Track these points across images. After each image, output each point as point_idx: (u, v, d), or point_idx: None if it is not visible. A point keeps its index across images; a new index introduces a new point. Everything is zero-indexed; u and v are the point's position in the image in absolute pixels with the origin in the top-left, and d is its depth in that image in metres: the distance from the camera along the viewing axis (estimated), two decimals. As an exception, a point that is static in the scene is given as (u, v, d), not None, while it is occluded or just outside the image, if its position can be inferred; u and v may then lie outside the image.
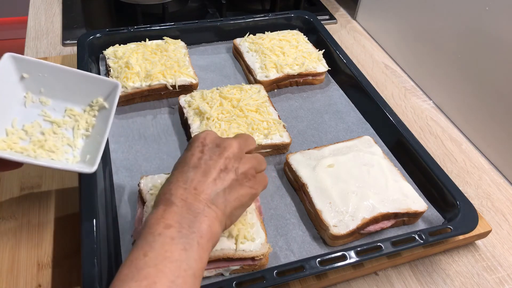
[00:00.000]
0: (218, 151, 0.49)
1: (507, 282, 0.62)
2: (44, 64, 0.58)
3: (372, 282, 0.60)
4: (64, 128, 0.59)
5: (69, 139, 0.58)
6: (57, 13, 1.06)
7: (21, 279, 0.56)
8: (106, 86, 0.60)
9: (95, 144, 0.56)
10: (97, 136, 0.58)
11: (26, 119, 0.57)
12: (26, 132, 0.56)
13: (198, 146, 0.50)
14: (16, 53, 0.56)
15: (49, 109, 0.59)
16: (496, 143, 0.78)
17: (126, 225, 0.60)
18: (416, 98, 0.93)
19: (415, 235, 0.57)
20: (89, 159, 0.55)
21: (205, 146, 0.50)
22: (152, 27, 0.88)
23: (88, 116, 0.60)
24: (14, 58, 0.56)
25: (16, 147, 0.53)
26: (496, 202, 0.73)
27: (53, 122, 0.58)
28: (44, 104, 0.59)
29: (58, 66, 0.58)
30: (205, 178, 0.47)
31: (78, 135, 0.58)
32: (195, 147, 0.50)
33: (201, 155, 0.49)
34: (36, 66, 0.57)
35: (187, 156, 0.49)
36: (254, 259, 0.55)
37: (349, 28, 1.13)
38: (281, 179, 0.69)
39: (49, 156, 0.55)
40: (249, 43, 0.88)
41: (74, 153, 0.57)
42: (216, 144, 0.50)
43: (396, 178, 0.65)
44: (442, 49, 0.87)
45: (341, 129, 0.79)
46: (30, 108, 0.58)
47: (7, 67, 0.56)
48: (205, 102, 0.73)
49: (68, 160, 0.56)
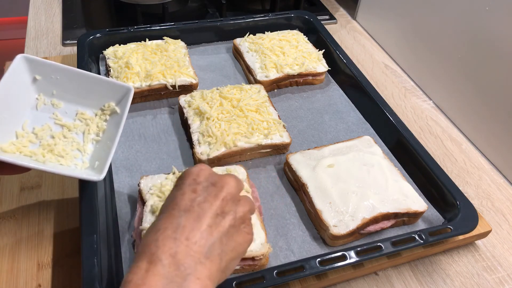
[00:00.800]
0: (214, 191, 0.42)
1: (507, 282, 0.62)
2: (57, 66, 0.57)
3: (372, 282, 0.60)
4: (75, 132, 0.58)
5: (79, 143, 0.57)
6: (57, 13, 1.06)
7: (21, 279, 0.56)
8: (119, 90, 0.59)
9: (105, 150, 0.56)
10: (107, 141, 0.57)
11: (36, 121, 0.57)
12: (36, 135, 0.55)
13: (191, 185, 0.43)
14: (29, 55, 0.56)
15: (61, 112, 0.59)
16: (496, 143, 0.78)
17: (126, 225, 0.60)
18: (416, 98, 0.93)
19: (415, 235, 0.57)
20: (98, 165, 0.55)
21: (199, 185, 0.43)
22: (152, 27, 0.88)
23: (99, 120, 0.60)
24: (27, 59, 0.55)
25: (26, 150, 0.53)
26: (496, 202, 0.73)
27: (64, 125, 0.58)
28: (55, 107, 0.59)
29: (71, 69, 0.58)
30: (199, 225, 0.39)
31: (88, 139, 0.58)
32: (187, 185, 0.43)
33: (194, 196, 0.42)
34: (49, 68, 0.57)
35: (177, 196, 0.42)
36: (254, 259, 0.55)
37: (349, 28, 1.13)
38: (281, 179, 0.69)
39: (58, 161, 0.54)
40: (249, 43, 0.88)
41: (84, 158, 0.56)
42: (211, 182, 0.43)
43: (396, 178, 0.65)
44: (442, 49, 0.87)
45: (341, 129, 0.79)
46: (41, 111, 0.58)
47: (20, 68, 0.55)
48: (205, 102, 0.73)
49: (77, 166, 0.55)
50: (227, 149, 0.68)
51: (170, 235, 0.38)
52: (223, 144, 0.67)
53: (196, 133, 0.70)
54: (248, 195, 0.60)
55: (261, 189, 0.67)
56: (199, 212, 0.40)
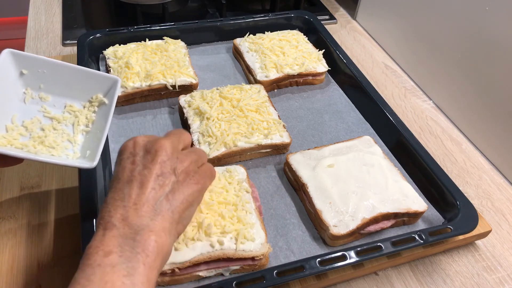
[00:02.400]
0: (150, 158, 0.46)
1: (507, 282, 0.62)
2: (43, 60, 0.57)
3: (372, 282, 0.60)
4: (64, 124, 0.59)
5: (69, 135, 0.58)
6: (57, 13, 1.06)
7: (21, 279, 0.56)
8: (105, 82, 0.60)
9: (95, 140, 0.56)
10: (97, 132, 0.58)
11: (26, 115, 0.57)
12: (26, 128, 0.56)
13: (128, 158, 0.46)
14: (15, 49, 0.56)
15: (49, 105, 0.59)
16: (496, 143, 0.78)
17: (126, 225, 0.60)
18: (416, 98, 0.93)
19: (415, 235, 0.57)
20: (89, 154, 0.55)
21: (136, 156, 0.46)
22: (152, 27, 0.88)
23: (88, 112, 0.60)
24: (13, 54, 0.56)
25: (16, 143, 0.53)
26: (496, 202, 0.73)
27: (53, 118, 0.58)
28: (43, 100, 0.59)
29: (57, 62, 0.58)
30: (143, 190, 0.43)
31: (78, 131, 0.58)
32: (125, 160, 0.46)
33: (133, 166, 0.45)
34: (35, 62, 0.57)
35: (119, 172, 0.46)
36: (254, 259, 0.55)
37: (349, 28, 1.13)
38: (281, 179, 0.69)
39: (49, 152, 0.55)
40: (249, 43, 0.88)
41: (74, 149, 0.57)
42: (146, 150, 0.46)
43: (396, 178, 0.65)
44: (442, 49, 0.87)
45: (341, 129, 0.79)
46: (29, 104, 0.58)
47: (7, 63, 0.55)
48: (205, 102, 0.73)
49: (69, 156, 0.56)
50: (227, 149, 0.68)
51: (120, 204, 0.43)
52: (223, 144, 0.67)
53: (196, 133, 0.70)
54: (248, 195, 0.60)
55: (261, 189, 0.67)
56: (141, 179, 0.44)
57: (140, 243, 0.40)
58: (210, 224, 0.54)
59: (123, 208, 0.42)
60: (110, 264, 0.38)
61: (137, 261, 0.39)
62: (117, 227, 0.41)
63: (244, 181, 0.62)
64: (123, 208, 0.42)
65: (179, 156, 0.47)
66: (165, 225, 0.43)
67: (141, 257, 0.40)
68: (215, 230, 0.54)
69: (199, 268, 0.54)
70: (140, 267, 0.39)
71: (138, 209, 0.42)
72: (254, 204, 0.59)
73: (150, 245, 0.41)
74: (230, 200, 0.57)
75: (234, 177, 0.61)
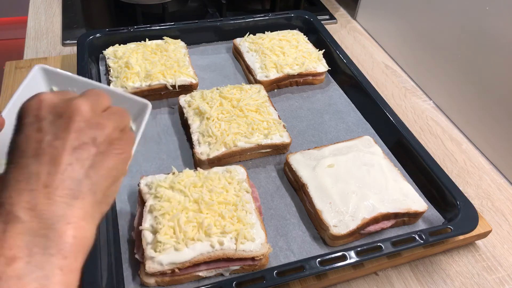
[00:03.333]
0: (63, 124, 0.35)
1: (507, 282, 0.62)
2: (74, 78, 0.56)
3: (372, 282, 0.60)
4: None
5: None
6: (57, 13, 1.06)
7: (21, 279, 0.56)
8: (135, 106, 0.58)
9: None
10: None
11: None
12: None
13: (33, 123, 0.35)
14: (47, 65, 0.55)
15: None
16: (496, 143, 0.78)
17: (126, 225, 0.60)
18: (416, 98, 0.93)
19: (415, 235, 0.57)
20: None
21: (43, 121, 0.35)
22: (152, 27, 0.88)
23: None
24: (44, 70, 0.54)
25: None
26: (496, 202, 0.73)
27: None
28: None
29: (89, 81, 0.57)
30: (56, 167, 0.33)
31: None
32: (29, 126, 0.35)
33: (41, 135, 0.35)
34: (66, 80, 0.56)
35: (20, 142, 0.35)
36: (254, 259, 0.55)
37: (349, 28, 1.13)
38: (281, 179, 0.69)
39: None
40: (249, 43, 0.88)
41: None
42: (57, 114, 0.36)
43: (396, 178, 0.65)
44: (442, 49, 0.87)
45: (341, 129, 0.79)
46: None
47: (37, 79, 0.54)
48: (205, 102, 0.73)
49: None
50: (227, 149, 0.67)
51: (24, 187, 0.32)
52: (223, 144, 0.67)
53: (196, 133, 0.70)
54: (248, 195, 0.60)
55: (261, 189, 0.67)
56: (52, 153, 0.34)
57: (54, 241, 0.31)
58: (210, 224, 0.54)
59: (30, 192, 0.32)
60: (15, 276, 0.29)
61: (52, 267, 0.31)
62: (22, 220, 0.31)
63: (244, 181, 0.62)
64: (29, 192, 0.32)
65: (100, 121, 0.37)
66: (86, 211, 0.34)
67: (56, 260, 0.31)
68: (215, 230, 0.54)
69: (199, 268, 0.54)
70: (56, 274, 0.31)
71: (50, 194, 0.32)
72: (254, 204, 0.59)
73: (68, 242, 0.32)
74: (230, 200, 0.57)
75: (234, 177, 0.61)
